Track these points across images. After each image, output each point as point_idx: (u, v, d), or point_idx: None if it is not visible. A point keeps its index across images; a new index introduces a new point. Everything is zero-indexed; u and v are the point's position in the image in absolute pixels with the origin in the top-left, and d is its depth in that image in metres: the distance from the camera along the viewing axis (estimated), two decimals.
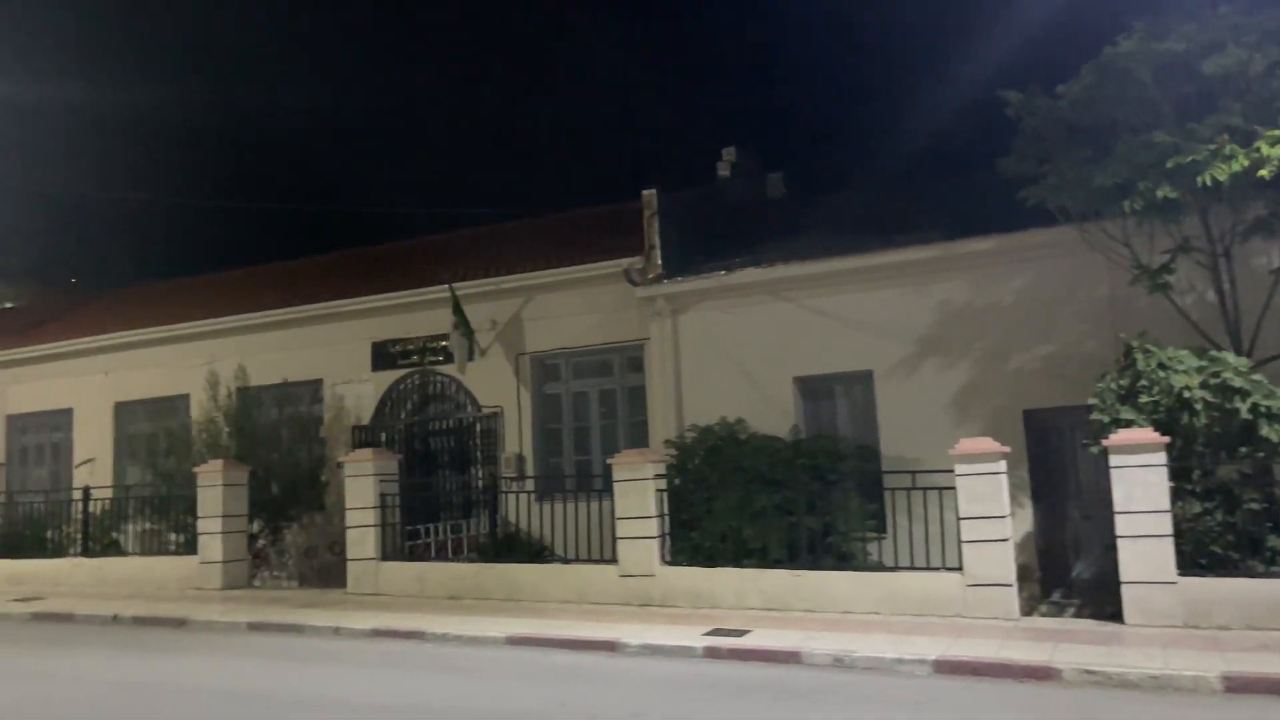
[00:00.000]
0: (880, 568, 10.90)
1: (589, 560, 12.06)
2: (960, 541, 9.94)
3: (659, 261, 14.17)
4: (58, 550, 16.02)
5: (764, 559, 10.91)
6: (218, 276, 23.17)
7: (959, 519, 9.94)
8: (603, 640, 9.38)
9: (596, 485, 12.99)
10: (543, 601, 11.73)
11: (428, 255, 18.85)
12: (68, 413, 19.98)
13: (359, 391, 16.90)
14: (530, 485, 13.95)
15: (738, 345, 13.43)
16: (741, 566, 10.98)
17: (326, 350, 17.19)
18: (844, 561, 10.84)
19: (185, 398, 18.09)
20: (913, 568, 10.48)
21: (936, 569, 10.25)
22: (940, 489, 10.18)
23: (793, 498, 10.91)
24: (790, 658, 8.57)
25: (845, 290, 12.98)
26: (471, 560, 13.19)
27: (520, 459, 15.36)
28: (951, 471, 10.00)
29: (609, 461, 12.08)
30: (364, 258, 20.63)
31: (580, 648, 9.34)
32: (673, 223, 14.54)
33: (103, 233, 39.21)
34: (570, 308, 15.34)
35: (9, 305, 33.79)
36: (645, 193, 14.54)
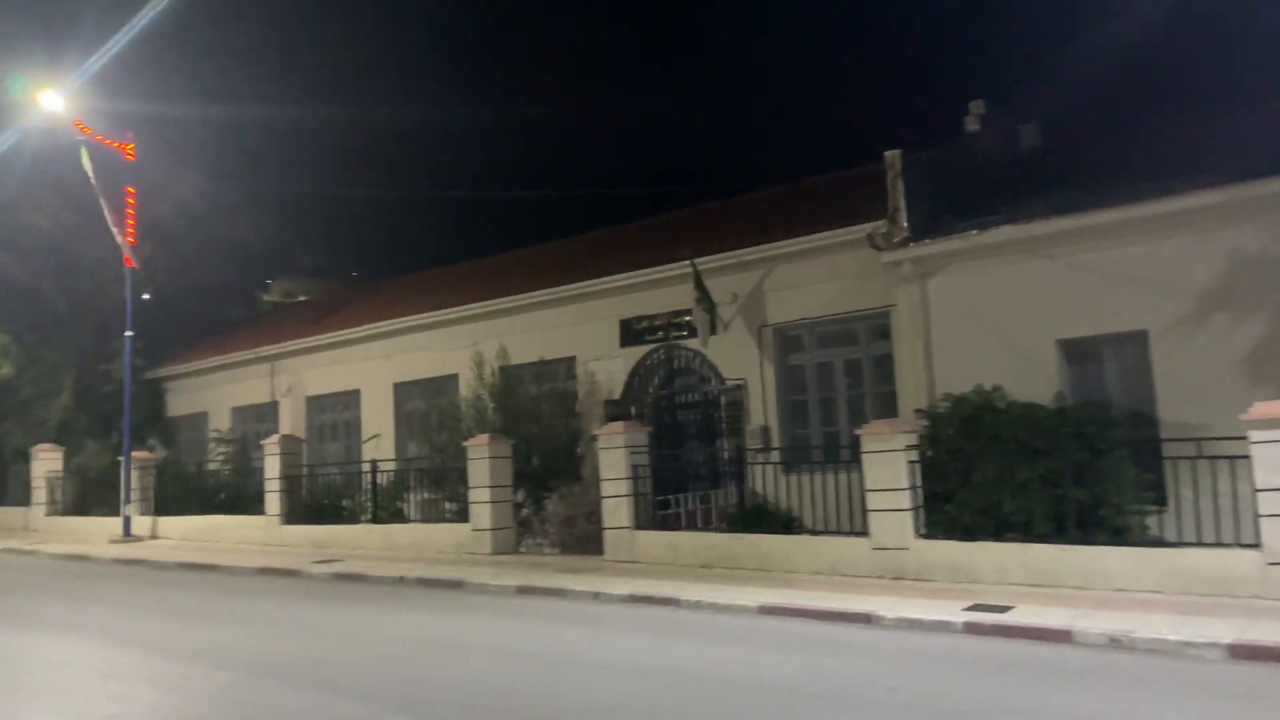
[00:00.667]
0: (1160, 543, 10.02)
1: (838, 532, 11.91)
2: (1257, 516, 8.94)
3: (904, 224, 13.65)
4: (352, 517, 17.78)
5: (1027, 533, 10.33)
6: (480, 263, 24.77)
7: (1255, 491, 8.94)
8: (856, 612, 9.24)
9: (844, 456, 12.77)
10: (793, 572, 11.71)
11: (670, 232, 19.20)
12: (356, 393, 22.10)
13: (609, 367, 17.54)
14: (776, 457, 13.94)
15: (993, 308, 12.72)
16: (1002, 540, 10.45)
17: (578, 329, 17.97)
18: (1118, 536, 10.03)
19: (454, 377, 19.51)
20: (1200, 544, 9.55)
21: (1228, 545, 9.29)
22: (1231, 458, 9.20)
23: (1058, 468, 10.22)
24: (1060, 636, 8.07)
25: (1115, 244, 11.94)
26: (721, 530, 13.39)
27: (766, 431, 15.38)
28: (1244, 439, 9.00)
29: (857, 432, 11.83)
30: (611, 238, 21.33)
31: (833, 619, 9.25)
32: (918, 183, 13.96)
33: (377, 229, 42.89)
34: (812, 277, 15.13)
35: (302, 299, 37.76)
36: (888, 154, 14.05)
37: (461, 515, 16.08)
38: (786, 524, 12.71)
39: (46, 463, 24.14)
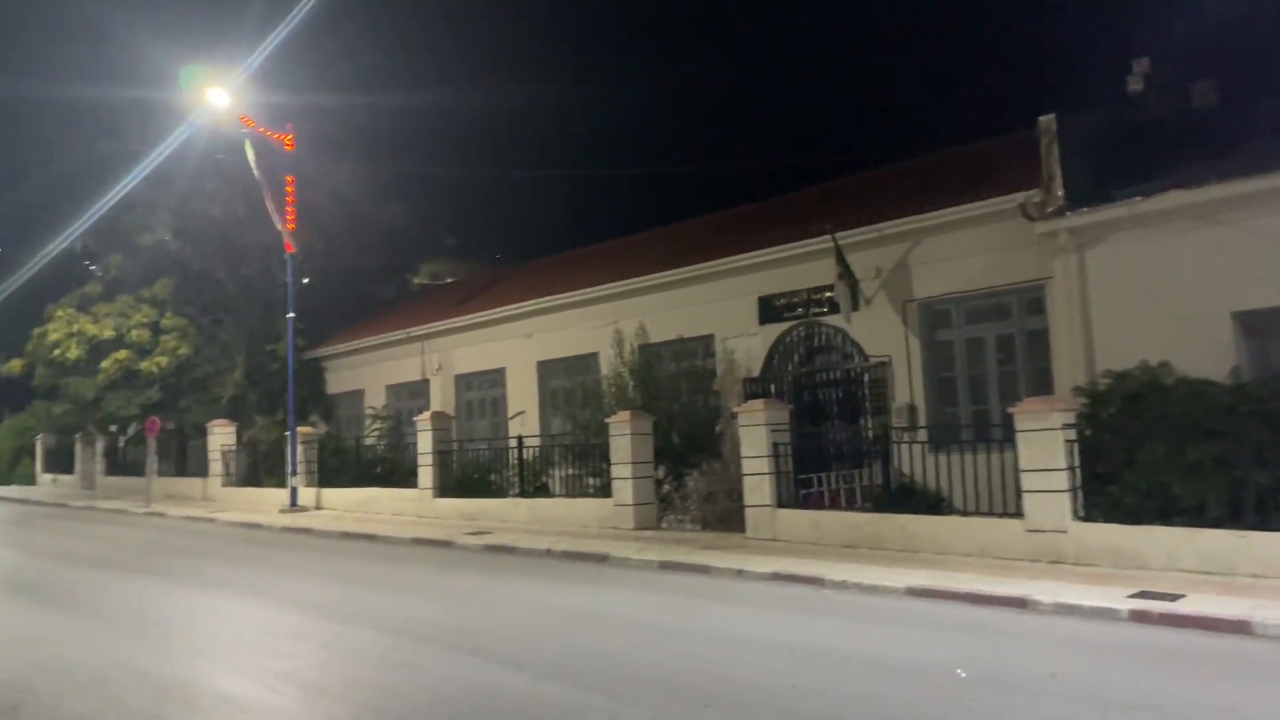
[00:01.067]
0: None
1: (990, 514, 11.51)
2: None
3: (1060, 192, 12.96)
4: (499, 491, 18.34)
5: (1199, 517, 9.72)
6: (619, 242, 25.01)
7: None
8: (1011, 596, 8.92)
9: (995, 435, 12.32)
10: (942, 554, 11.40)
11: (810, 207, 18.90)
12: (501, 371, 22.74)
13: (748, 345, 17.44)
14: (923, 435, 13.56)
15: (1159, 280, 11.96)
16: (1170, 524, 9.88)
17: (716, 306, 17.92)
18: None
19: (595, 355, 19.81)
20: None
21: None
22: None
23: (1235, 450, 9.56)
24: (1237, 627, 7.57)
25: None
26: (866, 510, 13.14)
27: (911, 409, 15.00)
28: None
29: (1010, 410, 11.38)
30: (750, 214, 21.17)
31: (986, 603, 8.96)
32: (1075, 149, 13.22)
33: (521, 211, 43.83)
34: (960, 249, 14.61)
35: (449, 280, 38.98)
36: (1042, 119, 13.35)
37: (604, 490, 16.35)
38: (934, 504, 12.37)
39: (221, 437, 25.89)
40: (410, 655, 7.72)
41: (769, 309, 17.22)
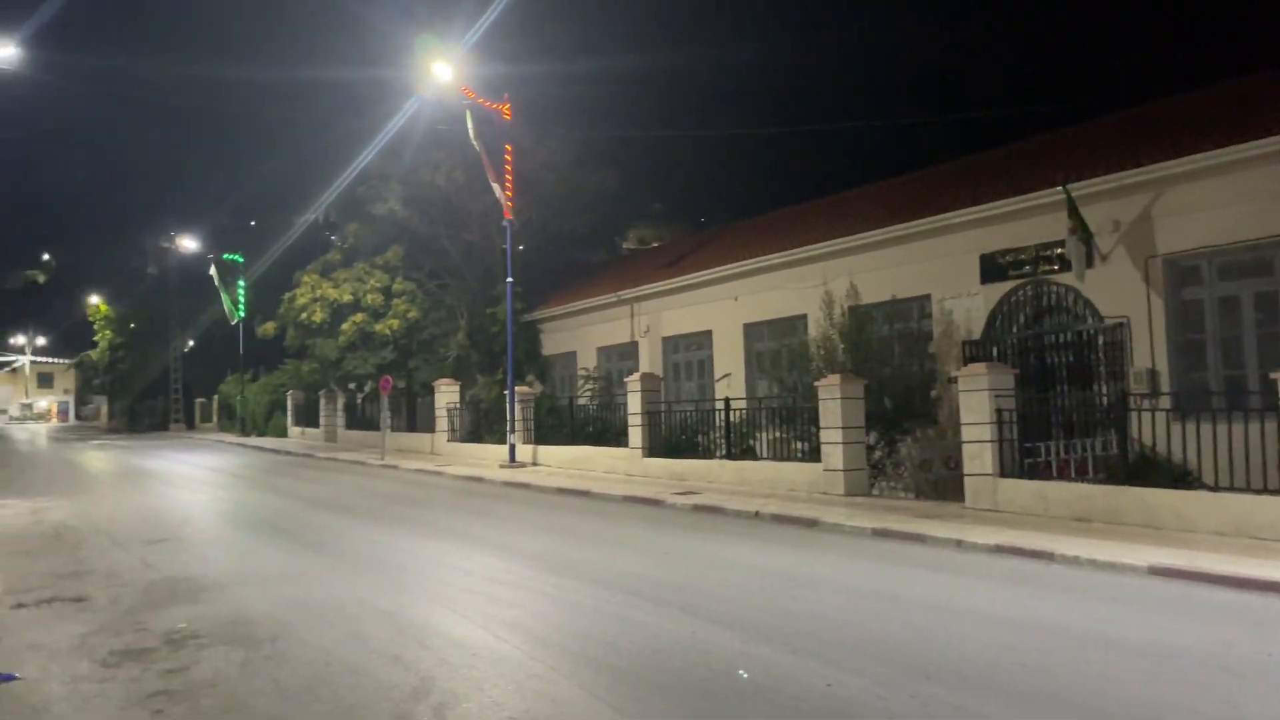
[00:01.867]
0: None
1: (1247, 489, 10.42)
2: None
3: None
4: (706, 452, 18.46)
5: None
6: (828, 200, 24.43)
7: None
8: (1275, 581, 8.05)
9: (1253, 404, 11.12)
10: (1188, 531, 10.46)
11: (1036, 157, 17.69)
12: (708, 333, 22.80)
13: (967, 305, 16.59)
14: (1166, 403, 12.45)
15: None
16: None
17: (933, 265, 17.15)
18: None
19: (803, 317, 19.48)
20: None
21: None
22: None
23: None
24: None
25: None
26: (1099, 481, 12.24)
27: (1152, 374, 13.81)
28: None
29: (1273, 376, 10.24)
30: (969, 167, 20.09)
31: (1245, 586, 8.13)
32: None
33: (726, 172, 43.62)
34: (1213, 199, 13.24)
35: (655, 245, 39.42)
36: None
37: (812, 455, 16.10)
38: (1178, 477, 11.34)
39: (446, 395, 27.49)
40: (623, 609, 7.89)
41: (992, 267, 16.29)
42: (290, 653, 6.69)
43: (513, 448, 22.74)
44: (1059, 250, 14.85)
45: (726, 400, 18.18)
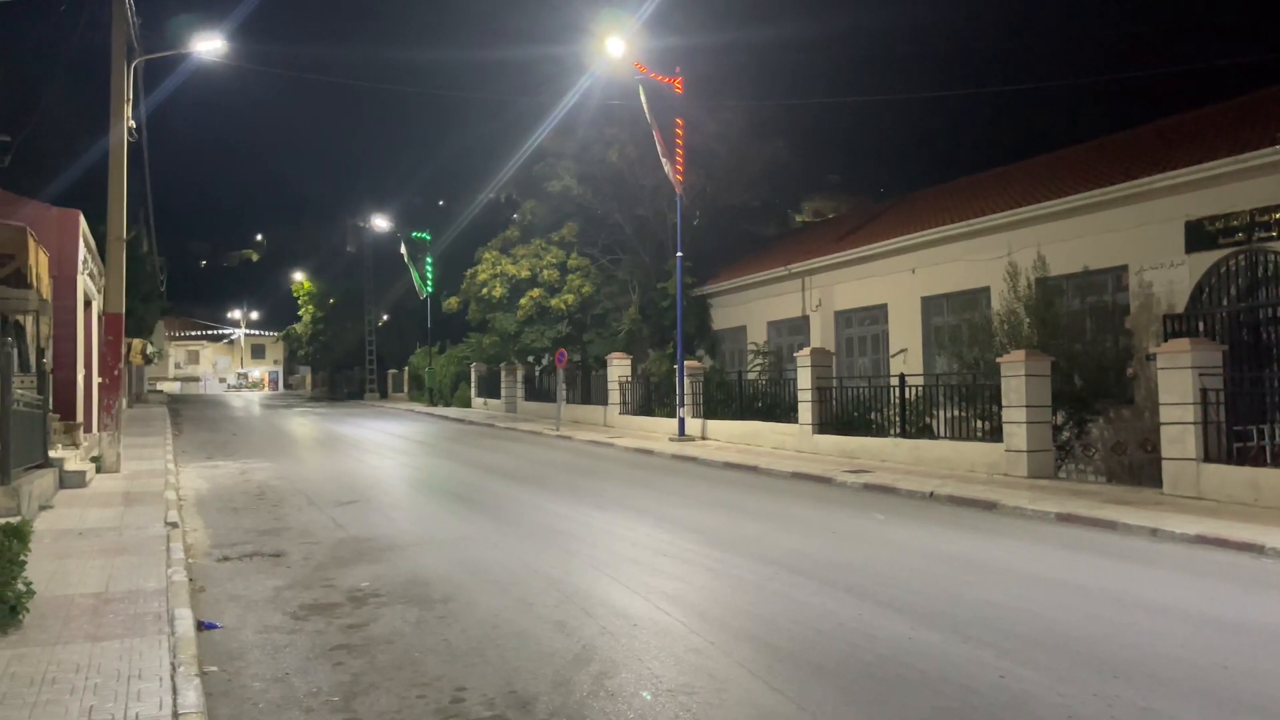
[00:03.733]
0: None
1: None
2: None
3: None
4: (879, 430, 17.94)
5: None
6: (1012, 167, 23.15)
7: None
8: None
9: None
10: None
11: (1251, 114, 16.08)
12: (883, 308, 22.10)
13: (1169, 277, 15.33)
14: None
15: None
16: None
17: (1130, 234, 15.94)
18: None
19: (985, 290, 18.55)
20: None
21: None
22: None
23: None
24: None
25: None
26: None
27: None
28: None
29: None
30: (1170, 128, 18.54)
31: None
32: None
33: (905, 141, 42.07)
34: None
35: (830, 217, 38.54)
36: None
37: (993, 434, 15.37)
38: None
39: (618, 368, 27.94)
40: (787, 587, 7.77)
41: (1198, 235, 14.96)
42: (461, 614, 6.96)
43: (682, 421, 22.86)
44: (1278, 215, 13.46)
45: (902, 376, 17.58)
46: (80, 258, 17.07)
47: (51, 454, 13.28)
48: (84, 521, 10.46)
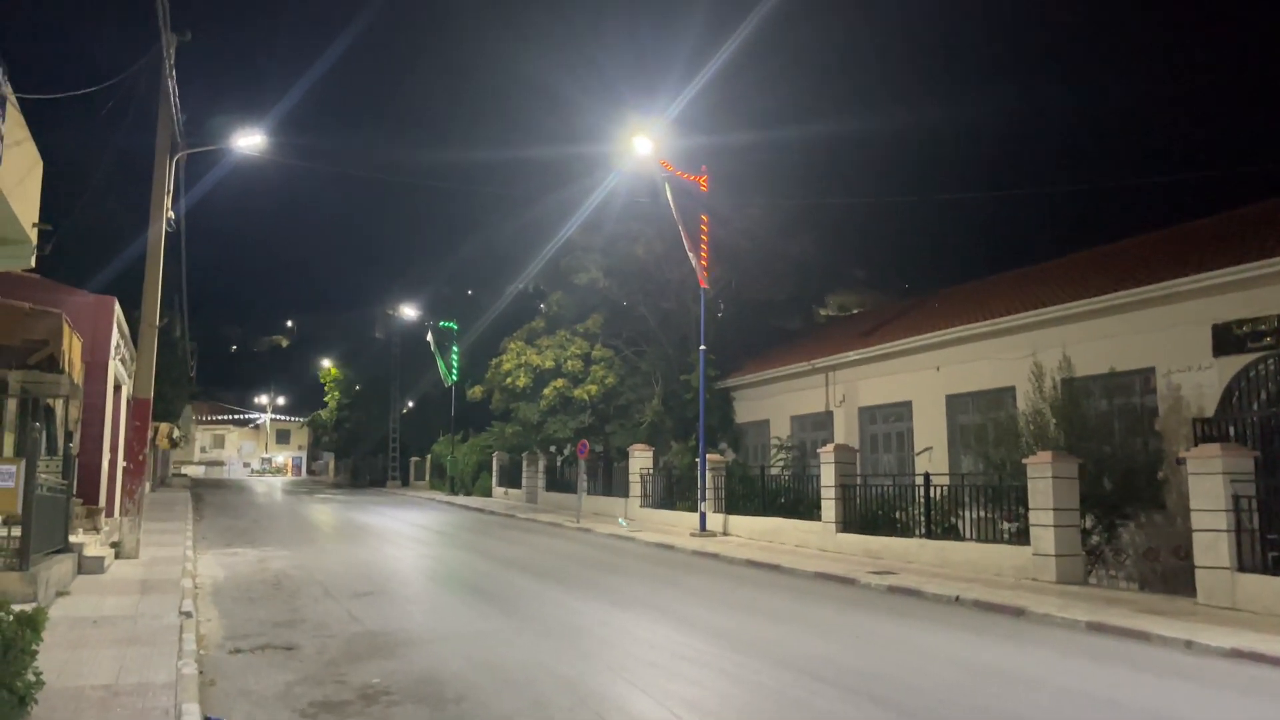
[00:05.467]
0: None
1: None
2: None
3: None
4: (904, 530, 17.63)
5: None
6: (1037, 268, 23.24)
7: None
8: None
9: None
10: None
11: (1272, 220, 16.13)
12: (907, 405, 21.97)
13: (1198, 380, 15.18)
14: None
15: None
16: None
17: (1158, 336, 15.85)
18: None
19: (1010, 390, 18.43)
20: None
21: None
22: None
23: None
24: None
25: None
26: None
27: None
28: None
29: None
30: (1196, 231, 18.62)
31: None
32: None
33: (930, 240, 42.47)
34: None
35: (854, 312, 38.70)
36: None
37: (1020, 537, 15.07)
38: None
39: (640, 460, 27.81)
40: (808, 694, 7.55)
41: (1227, 338, 14.86)
42: (473, 716, 6.80)
43: (703, 516, 22.62)
44: None
45: (927, 475, 17.37)
46: (113, 343, 17.38)
47: (72, 539, 13.30)
48: (99, 609, 10.40)
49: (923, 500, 17.12)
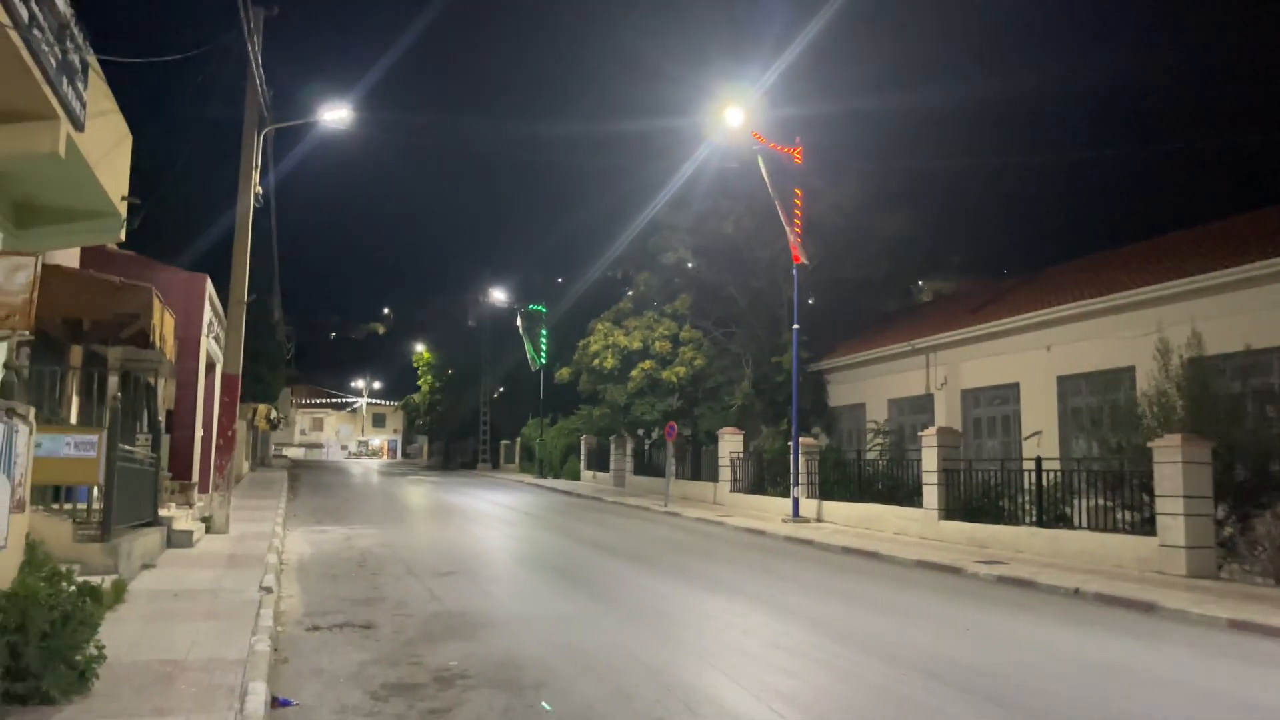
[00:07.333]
0: None
1: None
2: None
3: None
4: (1011, 517, 16.61)
5: None
6: (1155, 241, 21.80)
7: None
8: None
9: None
10: None
11: None
12: (1014, 387, 20.79)
13: None
14: None
15: None
16: None
17: None
18: None
19: (1129, 370, 17.22)
20: None
21: None
22: None
23: None
24: None
25: None
26: None
27: None
28: None
29: None
30: None
31: None
32: None
33: (1033, 217, 40.52)
34: None
35: (952, 294, 37.16)
36: None
37: (1143, 527, 13.97)
38: None
39: (730, 444, 27.12)
40: (917, 691, 6.85)
41: None
42: (552, 704, 6.30)
43: (796, 502, 21.86)
44: None
45: (1038, 460, 16.28)
46: (205, 321, 17.51)
47: (163, 513, 13.34)
48: (182, 583, 10.29)
49: (1033, 486, 16.06)
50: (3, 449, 5.12)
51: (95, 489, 10.33)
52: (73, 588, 5.80)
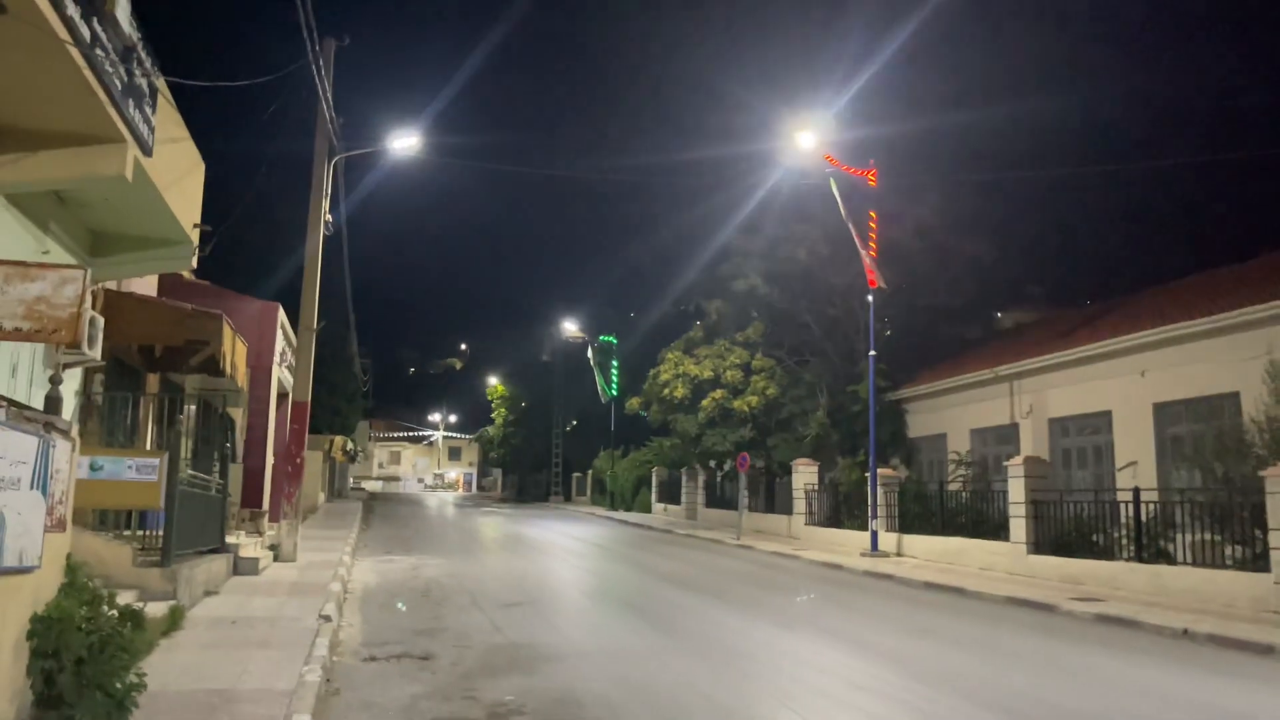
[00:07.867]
0: None
1: None
2: None
3: None
4: (1105, 552, 15.62)
5: None
6: (1258, 262, 20.56)
7: None
8: None
9: None
10: None
11: None
12: (1105, 415, 19.72)
13: None
14: None
15: None
16: None
17: None
18: None
19: (1234, 395, 16.11)
20: None
21: None
22: None
23: None
24: None
25: None
26: None
27: None
28: None
29: None
30: None
31: None
32: None
33: (1124, 241, 39.03)
34: None
35: (1032, 321, 35.84)
36: None
37: (1255, 563, 12.93)
38: None
39: (804, 475, 26.36)
40: None
41: None
42: None
43: (874, 535, 21.02)
44: None
45: (1136, 490, 15.29)
46: (278, 349, 17.62)
47: (230, 540, 13.27)
48: (242, 610, 10.11)
49: (1131, 519, 15.07)
50: (37, 464, 4.91)
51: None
52: (113, 612, 5.56)
